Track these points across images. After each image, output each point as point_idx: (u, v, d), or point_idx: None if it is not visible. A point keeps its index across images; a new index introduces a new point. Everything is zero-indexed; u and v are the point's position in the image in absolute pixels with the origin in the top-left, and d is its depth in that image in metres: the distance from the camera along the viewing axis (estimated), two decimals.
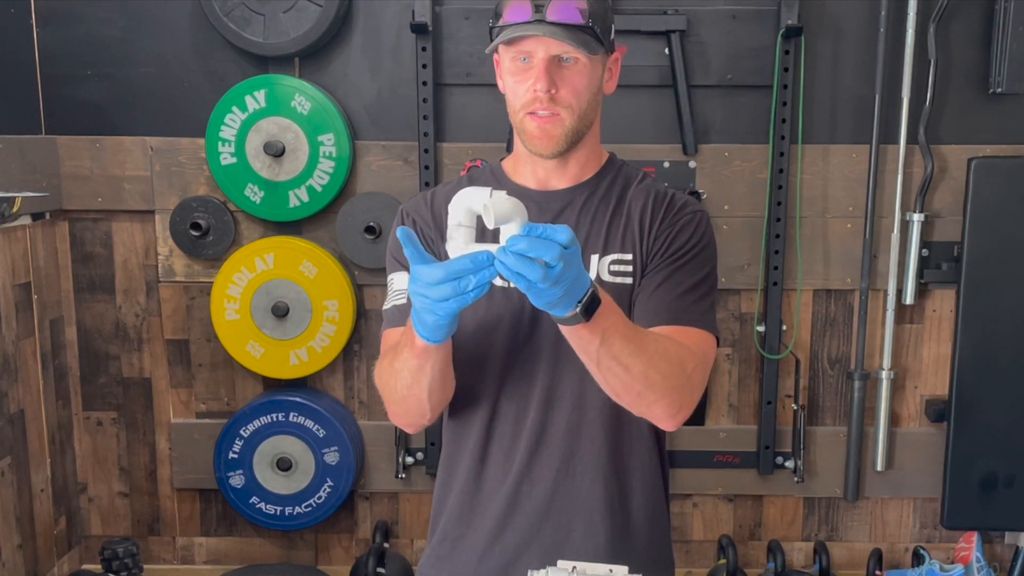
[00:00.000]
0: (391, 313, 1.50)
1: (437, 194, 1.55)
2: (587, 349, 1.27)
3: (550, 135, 1.41)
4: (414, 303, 1.22)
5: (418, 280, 1.17)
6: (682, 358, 1.36)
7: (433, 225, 1.52)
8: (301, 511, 2.95)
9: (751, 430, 2.99)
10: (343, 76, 2.86)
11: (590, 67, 1.41)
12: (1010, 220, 2.78)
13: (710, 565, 3.02)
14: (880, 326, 2.92)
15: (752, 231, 2.88)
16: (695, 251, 1.46)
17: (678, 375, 1.34)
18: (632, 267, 1.46)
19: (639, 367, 1.29)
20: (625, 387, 1.32)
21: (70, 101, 2.87)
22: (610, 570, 1.27)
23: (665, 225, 1.47)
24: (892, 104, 2.80)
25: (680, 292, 1.43)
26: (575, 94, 1.40)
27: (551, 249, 1.11)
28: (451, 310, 1.19)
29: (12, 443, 2.67)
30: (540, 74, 1.38)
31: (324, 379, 3.00)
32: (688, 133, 2.81)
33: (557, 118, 1.40)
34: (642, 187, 1.52)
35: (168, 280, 2.96)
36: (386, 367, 1.43)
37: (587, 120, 1.44)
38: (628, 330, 1.28)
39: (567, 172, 1.51)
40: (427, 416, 1.44)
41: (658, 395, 1.33)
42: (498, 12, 1.42)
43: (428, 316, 1.22)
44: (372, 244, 2.86)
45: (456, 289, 1.14)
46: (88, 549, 3.09)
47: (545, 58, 1.38)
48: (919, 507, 3.05)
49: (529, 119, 1.42)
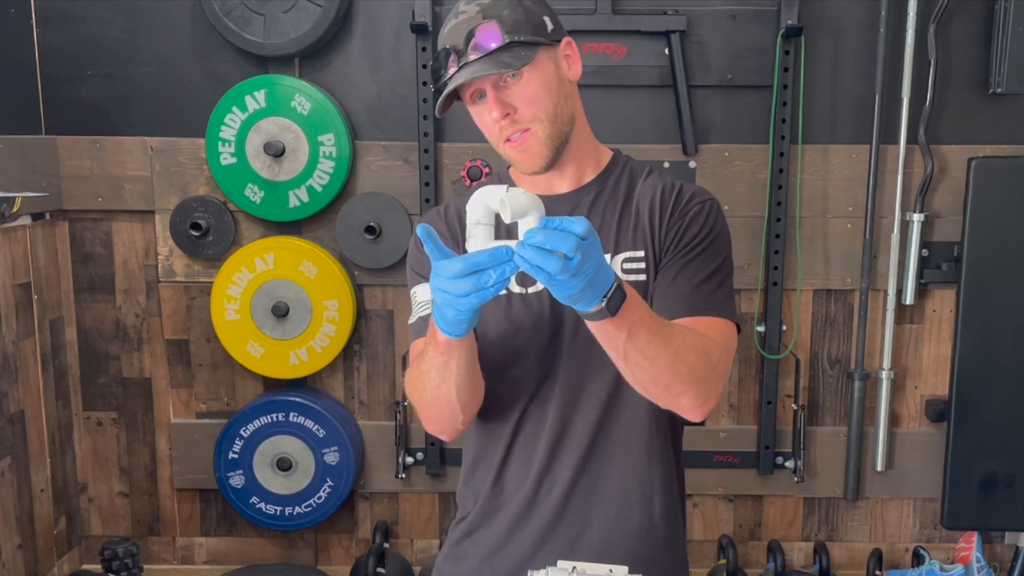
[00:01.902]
0: (417, 325, 1.50)
1: (450, 206, 1.56)
2: (614, 344, 1.27)
3: (530, 152, 1.42)
4: (435, 298, 1.22)
5: (439, 275, 1.17)
6: (707, 349, 1.36)
7: (449, 236, 1.52)
8: (301, 511, 2.95)
9: (751, 430, 2.99)
10: (343, 76, 2.86)
11: (537, 71, 1.40)
12: (1010, 220, 2.78)
13: (710, 565, 3.02)
14: (880, 326, 2.92)
15: (752, 231, 2.88)
16: (708, 240, 1.45)
17: (704, 366, 1.35)
18: (645, 263, 1.46)
19: (666, 359, 1.29)
20: (652, 380, 1.32)
21: (70, 101, 2.87)
22: (610, 570, 1.27)
23: (675, 218, 1.46)
24: (892, 104, 2.80)
25: (697, 282, 1.43)
26: (533, 103, 1.40)
27: (568, 240, 1.11)
28: (472, 305, 1.19)
29: (12, 443, 2.67)
30: (492, 105, 1.39)
31: (324, 379, 3.00)
32: (688, 133, 2.81)
33: (528, 133, 1.41)
34: (649, 182, 1.51)
35: (168, 280, 2.96)
36: (413, 371, 1.44)
37: (562, 119, 1.44)
38: (654, 323, 1.28)
39: (566, 175, 1.51)
40: (459, 418, 1.43)
41: (685, 386, 1.33)
42: (437, 76, 1.44)
43: (449, 311, 1.22)
44: (372, 244, 2.86)
45: (477, 284, 1.14)
46: (88, 549, 3.09)
47: (487, 87, 1.39)
48: (919, 507, 3.06)
49: (507, 147, 1.43)
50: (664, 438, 1.52)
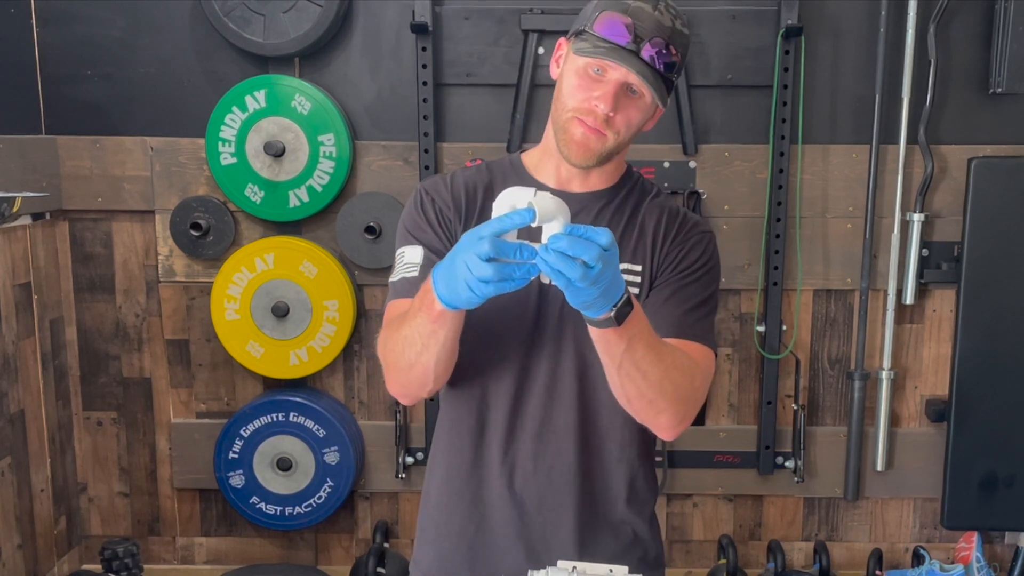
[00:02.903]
0: (400, 285, 1.49)
1: (456, 177, 1.55)
2: (612, 352, 1.30)
3: (589, 148, 1.43)
4: (456, 270, 1.20)
5: (467, 248, 1.17)
6: (692, 371, 1.40)
7: (452, 206, 1.52)
8: (301, 511, 2.95)
9: (751, 430, 2.99)
10: (343, 76, 2.86)
11: (650, 105, 1.43)
12: (1010, 220, 2.78)
13: (710, 565, 3.02)
14: (880, 326, 2.92)
15: (752, 231, 2.88)
16: (704, 270, 1.50)
17: (688, 387, 1.39)
18: (641, 278, 1.49)
19: (656, 375, 1.33)
20: (639, 393, 1.35)
21: (70, 101, 2.87)
22: (610, 570, 1.27)
23: (677, 241, 1.50)
24: (892, 104, 2.80)
25: (688, 307, 1.46)
26: (627, 124, 1.42)
27: (591, 249, 1.13)
28: (487, 292, 1.19)
29: (12, 443, 2.67)
30: (607, 96, 1.39)
31: (324, 379, 3.00)
32: (688, 133, 2.81)
33: (602, 137, 1.42)
34: (656, 202, 1.54)
35: (168, 280, 2.96)
36: (392, 333, 1.42)
37: (623, 147, 1.47)
38: (651, 338, 1.32)
39: (588, 179, 1.52)
40: (428, 387, 1.44)
41: (667, 404, 1.37)
42: (591, 15, 1.41)
43: (464, 291, 1.21)
44: (372, 244, 2.86)
45: (499, 273, 1.16)
46: (88, 549, 3.09)
47: (619, 82, 1.39)
48: (919, 507, 3.06)
49: (576, 123, 1.42)
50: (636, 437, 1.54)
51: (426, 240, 1.49)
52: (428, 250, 1.48)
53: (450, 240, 1.49)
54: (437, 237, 1.49)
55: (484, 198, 1.51)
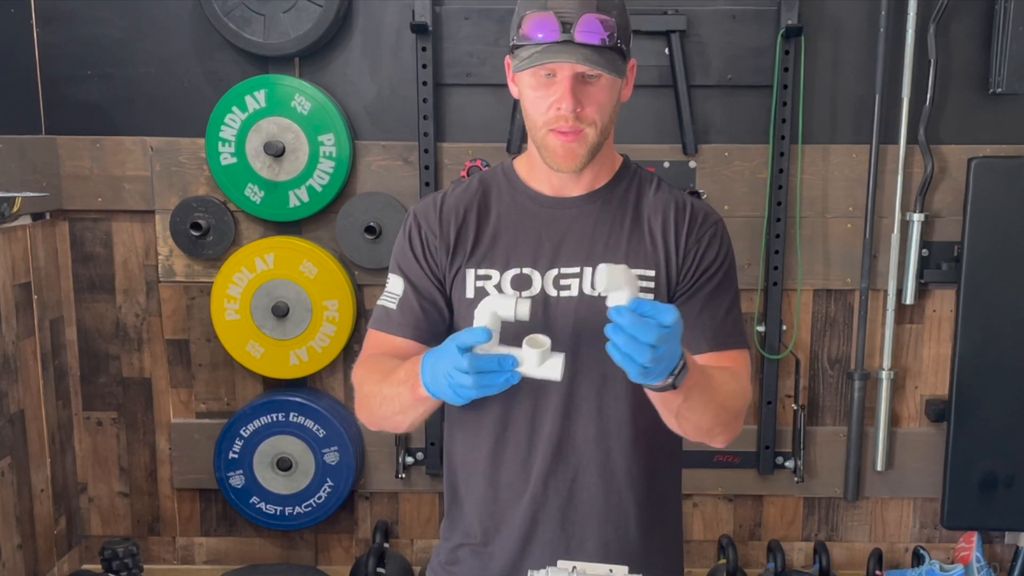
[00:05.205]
0: (379, 313, 1.52)
1: (447, 198, 1.53)
2: (670, 406, 1.33)
3: (574, 153, 1.40)
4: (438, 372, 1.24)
5: (447, 354, 1.21)
6: (741, 393, 1.43)
7: (439, 233, 1.50)
8: (301, 511, 2.95)
9: (751, 430, 2.99)
10: (343, 76, 2.86)
11: (613, 81, 1.39)
12: (1010, 220, 2.78)
13: (710, 565, 3.02)
14: (880, 326, 2.92)
15: (752, 231, 2.88)
16: (724, 265, 1.49)
17: (739, 406, 1.43)
18: (655, 283, 1.46)
19: (712, 411, 1.37)
20: (696, 428, 1.39)
21: (70, 101, 2.87)
22: (610, 570, 1.28)
23: (692, 241, 1.47)
24: (892, 104, 2.80)
25: (722, 315, 1.47)
26: (599, 110, 1.39)
27: (652, 332, 1.14)
28: (470, 396, 1.23)
29: (12, 443, 2.67)
30: (566, 93, 1.35)
31: (324, 379, 3.00)
32: (688, 133, 2.81)
33: (581, 135, 1.39)
34: (659, 197, 1.51)
35: (168, 280, 2.96)
36: (373, 386, 1.43)
37: (607, 132, 1.43)
38: (704, 381, 1.33)
39: (582, 180, 1.50)
40: (399, 432, 1.46)
41: (723, 428, 1.42)
42: (517, 22, 1.38)
43: (447, 391, 1.25)
44: (372, 244, 2.86)
45: (478, 383, 1.20)
46: (88, 549, 3.09)
47: (571, 76, 1.35)
48: (919, 507, 3.06)
49: (552, 136, 1.39)
50: (667, 447, 1.54)
51: (410, 273, 1.50)
52: (409, 284, 1.50)
53: (434, 270, 1.49)
54: (421, 269, 1.50)
55: (478, 219, 1.50)
